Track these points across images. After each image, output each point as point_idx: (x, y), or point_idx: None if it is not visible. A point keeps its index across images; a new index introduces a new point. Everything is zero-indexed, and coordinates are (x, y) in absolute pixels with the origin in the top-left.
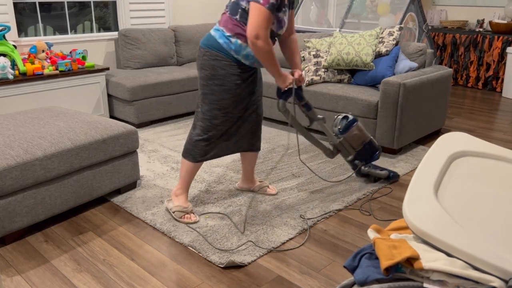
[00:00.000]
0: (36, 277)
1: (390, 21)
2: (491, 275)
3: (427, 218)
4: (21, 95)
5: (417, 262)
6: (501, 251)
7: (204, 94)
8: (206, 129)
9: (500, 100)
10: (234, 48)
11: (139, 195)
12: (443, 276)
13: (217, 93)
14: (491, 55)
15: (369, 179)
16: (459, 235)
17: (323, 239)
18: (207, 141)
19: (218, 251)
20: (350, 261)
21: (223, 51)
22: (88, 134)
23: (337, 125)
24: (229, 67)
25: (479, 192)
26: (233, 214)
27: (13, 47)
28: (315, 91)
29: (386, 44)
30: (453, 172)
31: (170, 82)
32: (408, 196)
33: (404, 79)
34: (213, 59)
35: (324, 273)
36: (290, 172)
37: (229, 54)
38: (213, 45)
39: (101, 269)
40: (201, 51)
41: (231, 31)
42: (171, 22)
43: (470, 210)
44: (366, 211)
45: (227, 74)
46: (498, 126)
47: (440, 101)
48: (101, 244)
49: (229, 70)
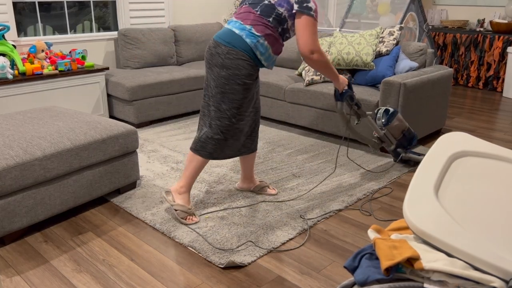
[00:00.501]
0: (35, 277)
1: (390, 21)
2: (492, 276)
3: (428, 218)
4: (21, 95)
5: (417, 263)
6: (502, 252)
7: (224, 93)
8: (225, 128)
9: (501, 100)
10: (261, 49)
11: (139, 195)
12: (443, 277)
13: (239, 92)
14: (492, 55)
15: (409, 164)
16: (460, 235)
17: (323, 239)
18: (225, 140)
19: (218, 251)
20: (350, 261)
21: (248, 51)
22: (88, 134)
23: (380, 118)
24: (251, 67)
25: (479, 192)
26: (233, 215)
27: (12, 46)
28: (315, 91)
29: (386, 44)
30: (454, 172)
31: (170, 82)
32: (408, 196)
33: (404, 79)
34: (238, 58)
35: (324, 274)
36: (290, 172)
37: (253, 54)
38: (239, 43)
39: (100, 269)
40: (223, 49)
41: (262, 32)
42: (171, 21)
43: (471, 210)
44: (367, 211)
45: (248, 74)
46: (498, 126)
47: (441, 101)
48: (101, 244)
49: (250, 70)
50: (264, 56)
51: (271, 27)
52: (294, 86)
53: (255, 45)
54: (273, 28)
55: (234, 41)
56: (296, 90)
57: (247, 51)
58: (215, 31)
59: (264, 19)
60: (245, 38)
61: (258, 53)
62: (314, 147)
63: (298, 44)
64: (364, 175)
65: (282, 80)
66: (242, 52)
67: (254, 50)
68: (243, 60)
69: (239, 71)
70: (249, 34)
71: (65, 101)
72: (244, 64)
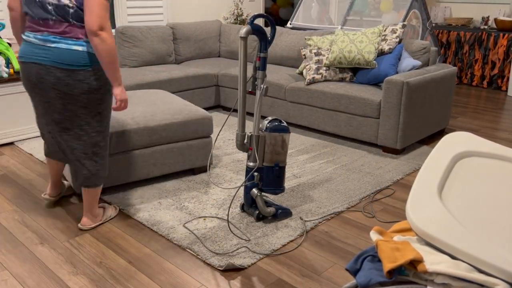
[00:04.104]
0: (31, 280)
1: (393, 19)
2: (497, 278)
3: (431, 220)
4: (16, 94)
5: (420, 265)
6: (507, 253)
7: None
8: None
9: (506, 99)
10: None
11: (137, 195)
12: (447, 279)
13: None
14: (496, 53)
15: (252, 214)
16: (464, 237)
17: (324, 241)
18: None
19: (217, 254)
20: (352, 263)
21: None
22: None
23: (269, 120)
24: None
25: (484, 193)
26: (232, 216)
27: (7, 45)
28: (316, 90)
29: (389, 42)
30: (458, 172)
31: (169, 81)
32: (411, 198)
33: (407, 77)
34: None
35: (326, 276)
36: (291, 172)
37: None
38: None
39: (98, 272)
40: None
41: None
42: (169, 19)
43: (475, 212)
44: (369, 212)
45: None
46: (503, 126)
47: (444, 100)
48: (98, 246)
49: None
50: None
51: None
52: (295, 85)
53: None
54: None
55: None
56: (297, 89)
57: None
58: (215, 28)
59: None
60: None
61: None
62: (315, 147)
63: (86, 21)
64: (366, 175)
65: (283, 79)
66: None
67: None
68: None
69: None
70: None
71: None
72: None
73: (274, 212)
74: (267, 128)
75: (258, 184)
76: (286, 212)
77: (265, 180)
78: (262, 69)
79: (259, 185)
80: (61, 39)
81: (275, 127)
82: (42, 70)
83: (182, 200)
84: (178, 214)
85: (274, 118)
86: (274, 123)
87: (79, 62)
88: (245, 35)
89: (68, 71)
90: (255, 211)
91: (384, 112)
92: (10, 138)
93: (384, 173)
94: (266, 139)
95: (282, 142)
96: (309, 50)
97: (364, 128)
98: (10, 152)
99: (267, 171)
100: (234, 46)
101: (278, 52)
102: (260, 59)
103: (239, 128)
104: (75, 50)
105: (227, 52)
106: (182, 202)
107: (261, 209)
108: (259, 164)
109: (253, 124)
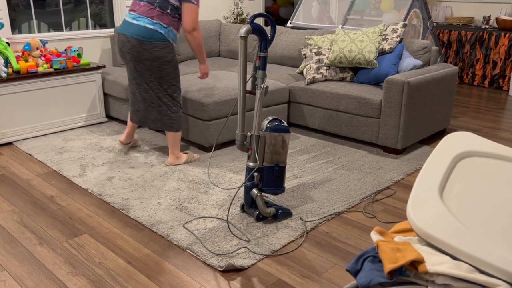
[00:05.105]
0: (30, 280)
1: (393, 18)
2: (498, 279)
3: (432, 220)
4: (15, 93)
5: (421, 266)
6: (508, 254)
7: (161, 77)
8: (176, 101)
9: (507, 98)
10: (171, 35)
11: (136, 196)
12: (448, 280)
13: (173, 71)
14: (498, 53)
15: (252, 214)
16: (465, 237)
17: (325, 241)
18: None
19: (217, 254)
20: (352, 264)
21: (165, 40)
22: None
23: (269, 120)
24: (171, 49)
25: (485, 194)
26: (232, 216)
27: (6, 44)
28: (316, 90)
29: (389, 42)
30: (459, 173)
31: None
32: (412, 198)
33: (408, 77)
34: (162, 48)
35: (326, 277)
36: (291, 173)
37: (168, 40)
38: (157, 37)
39: (97, 272)
40: (148, 45)
41: (168, 23)
42: None
43: (476, 212)
44: (369, 213)
45: (173, 55)
46: (505, 126)
47: (445, 100)
48: (97, 246)
49: (172, 51)
50: (174, 38)
51: (171, 16)
52: (295, 85)
53: (168, 34)
54: (172, 17)
55: (153, 36)
56: (297, 89)
57: (165, 40)
58: (214, 28)
59: (164, 12)
60: (160, 30)
61: (171, 39)
62: (315, 147)
63: (183, 23)
64: (366, 176)
65: (283, 78)
66: (162, 42)
67: (168, 38)
68: (165, 48)
69: (167, 57)
70: (161, 26)
71: (60, 100)
72: (168, 50)
73: (274, 212)
74: (267, 128)
75: (258, 184)
76: (286, 213)
77: (265, 180)
78: (262, 68)
79: (259, 185)
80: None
81: (275, 127)
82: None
83: (182, 200)
84: (178, 214)
85: (274, 117)
86: (274, 123)
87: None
88: (245, 34)
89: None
90: (255, 212)
91: (385, 112)
92: (9, 138)
93: (384, 173)
94: (266, 139)
95: (282, 142)
96: (309, 49)
97: (364, 128)
98: (9, 152)
99: (267, 171)
100: (234, 45)
101: (278, 51)
102: (260, 58)
103: (239, 128)
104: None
105: (227, 51)
106: (182, 203)
107: (261, 210)
108: (259, 164)
109: (253, 124)
